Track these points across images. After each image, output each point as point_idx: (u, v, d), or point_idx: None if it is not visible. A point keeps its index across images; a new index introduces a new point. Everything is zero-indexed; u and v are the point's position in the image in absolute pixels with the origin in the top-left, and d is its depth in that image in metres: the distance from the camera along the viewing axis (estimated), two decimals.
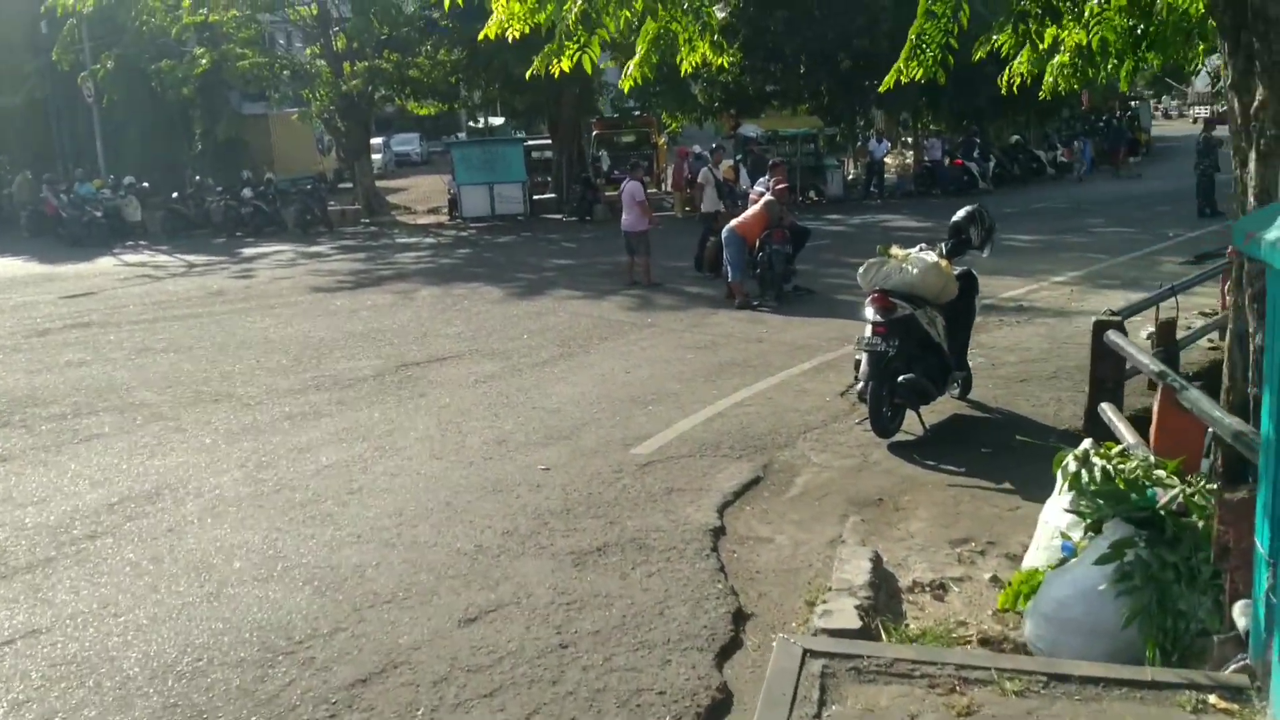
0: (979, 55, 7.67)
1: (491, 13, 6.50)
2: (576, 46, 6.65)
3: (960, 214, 7.91)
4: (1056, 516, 4.74)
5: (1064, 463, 4.76)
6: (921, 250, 7.67)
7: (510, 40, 6.69)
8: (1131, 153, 34.72)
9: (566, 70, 6.85)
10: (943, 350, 7.47)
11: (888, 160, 33.27)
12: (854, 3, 27.41)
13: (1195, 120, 64.28)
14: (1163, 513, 3.91)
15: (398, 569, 5.42)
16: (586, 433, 7.81)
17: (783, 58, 29.43)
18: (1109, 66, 8.57)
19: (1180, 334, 8.39)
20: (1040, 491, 6.10)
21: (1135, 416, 6.76)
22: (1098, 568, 3.92)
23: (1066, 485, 4.64)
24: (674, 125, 33.71)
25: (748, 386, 9.01)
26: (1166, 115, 76.65)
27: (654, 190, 30.40)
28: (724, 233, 13.42)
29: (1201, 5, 6.58)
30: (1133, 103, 46.97)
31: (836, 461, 6.93)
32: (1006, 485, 6.32)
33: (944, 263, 7.42)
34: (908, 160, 35.73)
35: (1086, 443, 4.86)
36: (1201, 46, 8.01)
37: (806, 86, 30.50)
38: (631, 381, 9.43)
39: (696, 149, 29.55)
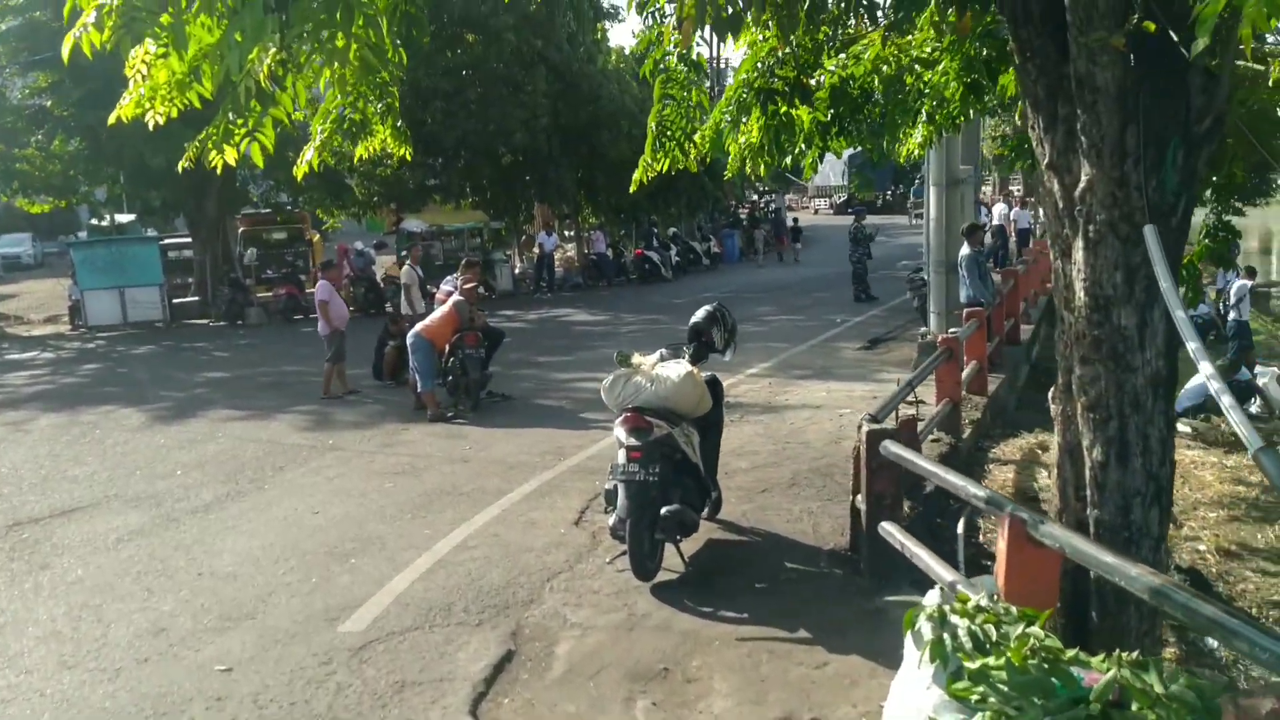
0: (730, 148, 7.00)
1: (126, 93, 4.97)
2: (245, 131, 5.22)
3: (699, 315, 7.11)
4: (916, 695, 3.81)
5: (915, 625, 3.88)
6: (663, 357, 6.77)
7: (151, 127, 5.16)
8: (794, 239, 37.13)
9: (233, 162, 5.41)
10: (699, 471, 6.55)
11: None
12: (512, 98, 27.08)
13: (816, 212, 70.38)
14: (1098, 707, 3.06)
15: None
16: (276, 606, 6.16)
17: (442, 151, 28.55)
18: (796, 151, 8.26)
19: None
20: (840, 639, 5.30)
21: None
22: None
23: (927, 655, 3.76)
24: (332, 221, 31.71)
25: (466, 521, 7.67)
26: (789, 208, 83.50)
27: (313, 290, 28.26)
28: (409, 337, 12.01)
29: (958, 88, 6.23)
30: (769, 195, 50.37)
31: (599, 619, 5.75)
32: (802, 634, 5.42)
33: (696, 371, 6.54)
34: (569, 253, 35.78)
35: (934, 596, 4.01)
36: (921, 129, 7.73)
37: (468, 180, 29.72)
38: (323, 525, 7.82)
39: (358, 245, 27.96)
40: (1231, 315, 15.55)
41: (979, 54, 5.86)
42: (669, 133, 7.27)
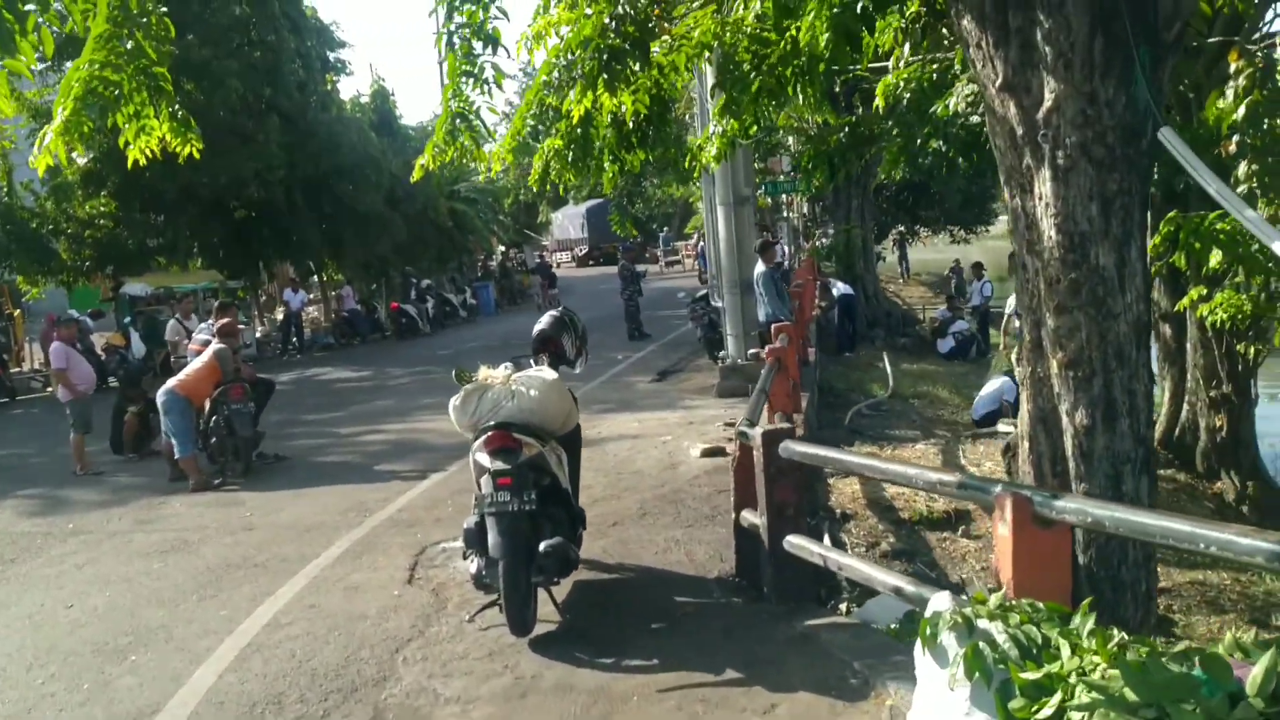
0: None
1: None
2: None
3: (545, 322, 6.22)
4: None
5: (935, 637, 3.15)
6: (508, 369, 5.78)
7: None
8: (551, 286, 36.48)
9: None
10: (569, 498, 5.58)
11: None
12: (242, 149, 24.99)
13: (559, 265, 70.52)
14: (1260, 703, 2.39)
15: None
16: None
17: (164, 206, 26.03)
18: (599, 162, 7.67)
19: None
20: (776, 674, 4.49)
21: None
22: None
23: (961, 672, 3.02)
24: (34, 291, 28.03)
25: (270, 596, 6.34)
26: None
27: (18, 370, 25.01)
28: (160, 395, 10.30)
29: (824, 38, 5.58)
30: (513, 250, 50.04)
31: (479, 688, 4.66)
32: (731, 674, 4.56)
33: (559, 378, 5.61)
34: (314, 313, 33.57)
35: (945, 599, 3.31)
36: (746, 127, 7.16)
37: (197, 238, 27.24)
38: (82, 619, 6.26)
39: (72, 313, 24.89)
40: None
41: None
42: (466, 115, 6.42)
